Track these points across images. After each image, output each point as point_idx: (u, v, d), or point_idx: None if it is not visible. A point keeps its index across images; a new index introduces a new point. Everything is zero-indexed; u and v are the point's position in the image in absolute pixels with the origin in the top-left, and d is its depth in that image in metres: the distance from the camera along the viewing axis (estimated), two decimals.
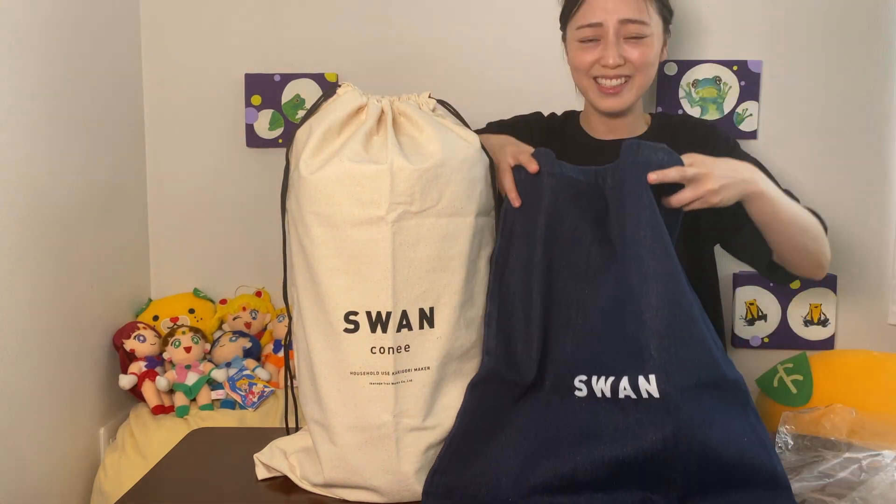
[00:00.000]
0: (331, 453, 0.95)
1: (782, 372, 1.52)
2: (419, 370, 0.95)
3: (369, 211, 0.92)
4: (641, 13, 1.26)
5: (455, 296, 0.96)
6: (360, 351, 0.93)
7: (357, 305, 0.93)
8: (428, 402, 0.95)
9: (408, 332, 0.94)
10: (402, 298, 0.93)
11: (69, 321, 1.50)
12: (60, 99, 1.47)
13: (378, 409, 0.93)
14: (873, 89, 1.64)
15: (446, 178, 0.94)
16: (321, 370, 0.95)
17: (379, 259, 0.92)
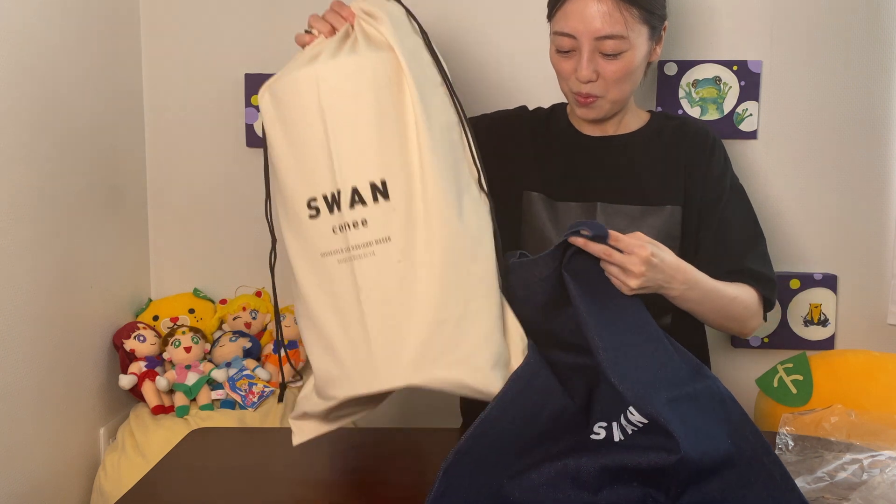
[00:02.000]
0: (322, 350, 0.99)
1: (782, 372, 1.52)
2: (379, 242, 0.96)
3: (303, 102, 0.98)
4: (618, 27, 1.20)
5: (409, 166, 0.97)
6: (325, 232, 0.97)
7: (314, 192, 0.98)
8: (399, 274, 0.96)
9: (362, 207, 0.96)
10: (349, 174, 0.97)
11: (69, 321, 1.50)
12: (60, 99, 1.47)
13: (347, 285, 0.96)
14: (873, 89, 1.64)
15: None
16: (297, 262, 1.01)
17: (316, 140, 0.98)
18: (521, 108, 1.46)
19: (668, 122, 1.38)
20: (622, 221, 1.30)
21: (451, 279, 0.96)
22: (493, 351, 0.97)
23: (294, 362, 1.70)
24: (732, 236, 1.31)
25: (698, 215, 1.32)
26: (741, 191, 1.37)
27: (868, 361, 1.48)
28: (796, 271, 1.69)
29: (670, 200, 1.31)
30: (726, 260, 1.29)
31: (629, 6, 1.20)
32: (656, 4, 1.25)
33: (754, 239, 1.33)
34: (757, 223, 1.36)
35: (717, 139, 1.37)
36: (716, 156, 1.35)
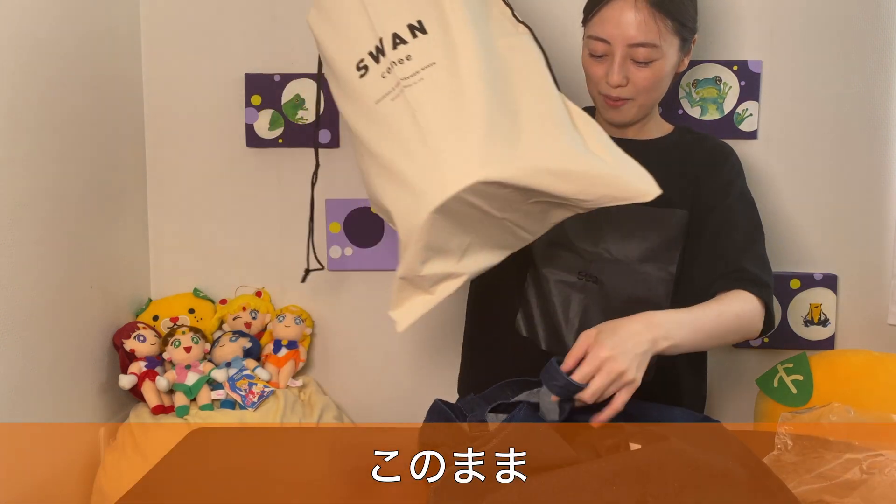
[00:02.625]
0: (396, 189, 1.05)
1: (782, 372, 1.52)
2: (425, 69, 1.05)
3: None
4: (652, 35, 1.23)
5: (442, 4, 1.07)
6: (375, 81, 1.07)
7: (361, 53, 1.09)
8: (451, 87, 1.03)
9: (404, 45, 1.07)
10: (387, 23, 1.08)
11: (69, 321, 1.50)
12: (60, 99, 1.47)
13: (404, 115, 1.03)
14: (873, 89, 1.64)
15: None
16: (358, 123, 1.09)
17: (354, 9, 1.10)
18: None
19: (688, 136, 1.41)
20: (629, 220, 1.31)
21: (497, 87, 1.04)
22: (563, 136, 1.04)
23: (294, 362, 1.70)
24: (732, 238, 1.32)
25: (706, 221, 1.33)
26: (749, 201, 1.37)
27: (868, 361, 1.48)
28: (796, 271, 1.69)
29: (678, 204, 1.32)
30: (722, 261, 1.29)
31: (664, 17, 1.23)
32: (689, 17, 1.28)
33: (753, 242, 1.33)
34: (761, 232, 1.35)
35: (734, 154, 1.39)
36: (727, 165, 1.37)
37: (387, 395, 1.79)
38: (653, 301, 1.30)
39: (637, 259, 1.31)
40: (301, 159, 1.74)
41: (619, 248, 1.31)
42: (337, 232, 1.74)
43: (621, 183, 1.04)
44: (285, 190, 1.75)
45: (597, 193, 1.04)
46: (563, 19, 1.52)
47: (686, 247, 1.32)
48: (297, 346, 1.71)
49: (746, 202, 1.37)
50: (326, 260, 1.76)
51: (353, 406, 1.80)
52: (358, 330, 1.78)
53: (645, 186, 1.05)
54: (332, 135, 1.71)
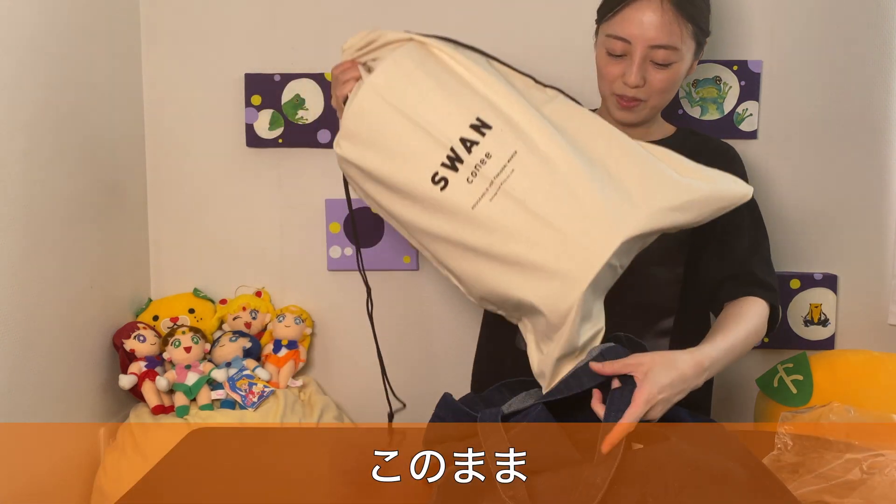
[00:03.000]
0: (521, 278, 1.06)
1: (782, 372, 1.52)
2: (511, 160, 1.05)
3: (378, 117, 1.12)
4: (674, 38, 1.23)
5: (490, 94, 1.09)
6: (462, 188, 1.06)
7: (433, 167, 1.08)
8: (541, 163, 1.05)
9: (477, 146, 1.07)
10: (449, 131, 1.08)
11: (69, 321, 1.50)
12: (60, 98, 1.47)
13: (511, 208, 1.04)
14: (873, 89, 1.64)
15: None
16: (456, 235, 1.08)
17: (406, 129, 1.09)
18: None
19: (692, 137, 1.41)
20: None
21: (576, 149, 1.07)
22: (660, 172, 1.06)
23: (294, 362, 1.70)
24: (739, 242, 1.32)
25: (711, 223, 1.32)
26: (754, 204, 1.37)
27: (868, 361, 1.48)
28: (796, 271, 1.69)
29: None
30: (728, 263, 1.30)
31: (685, 21, 1.23)
32: (706, 23, 1.29)
33: (759, 247, 1.34)
34: (765, 234, 1.36)
35: (738, 156, 1.39)
36: (732, 168, 1.35)
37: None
38: (661, 305, 1.30)
39: (644, 263, 1.30)
40: (301, 159, 1.74)
41: None
42: (337, 232, 1.74)
43: (725, 194, 1.08)
44: (285, 190, 1.75)
45: (710, 211, 1.08)
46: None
47: (692, 249, 1.32)
48: (297, 346, 1.72)
49: (751, 206, 1.37)
50: (326, 261, 1.76)
51: (353, 406, 1.80)
52: (358, 330, 1.78)
53: (742, 189, 1.10)
54: (331, 135, 1.71)
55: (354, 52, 1.19)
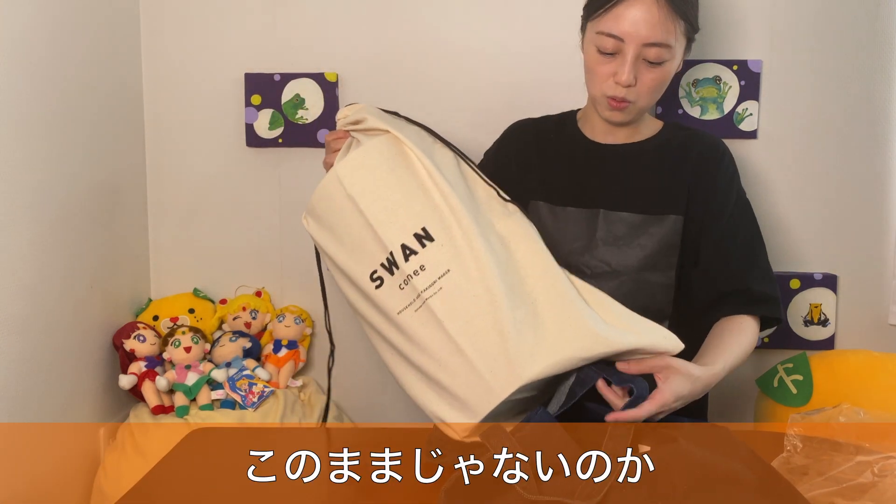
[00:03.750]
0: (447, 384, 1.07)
1: (782, 372, 1.52)
2: (442, 277, 1.08)
3: (334, 203, 1.17)
4: (669, 35, 1.21)
5: (440, 209, 1.11)
6: (393, 292, 1.10)
7: (373, 265, 1.12)
8: (471, 293, 1.07)
9: (415, 256, 1.09)
10: (393, 235, 1.10)
11: (69, 321, 1.50)
12: (60, 99, 1.47)
13: (431, 325, 1.06)
14: (873, 89, 1.64)
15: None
16: (384, 331, 1.12)
17: (357, 223, 1.13)
18: (525, 120, 1.47)
19: (678, 133, 1.38)
20: (623, 229, 1.30)
21: (509, 281, 1.07)
22: (583, 316, 1.06)
23: (294, 362, 1.70)
24: (734, 252, 1.31)
25: (700, 226, 1.32)
26: (746, 205, 1.36)
27: (868, 361, 1.48)
28: (796, 271, 1.69)
29: (672, 210, 1.31)
30: (725, 277, 1.30)
31: (678, 18, 1.21)
32: (696, 19, 1.27)
33: (756, 255, 1.33)
34: (760, 238, 1.35)
35: (728, 152, 1.37)
36: (723, 168, 1.35)
37: (387, 395, 1.79)
38: (655, 309, 1.29)
39: (636, 268, 1.30)
40: (301, 159, 1.74)
41: (618, 258, 1.30)
42: None
43: (649, 349, 1.08)
44: (285, 190, 1.75)
45: (624, 354, 1.08)
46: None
47: (684, 252, 1.31)
48: (297, 346, 1.71)
49: (744, 207, 1.36)
50: None
51: (353, 406, 1.80)
52: (358, 330, 1.77)
53: (669, 344, 1.08)
54: None
55: (346, 125, 1.23)
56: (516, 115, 1.52)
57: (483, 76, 1.69)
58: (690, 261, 1.33)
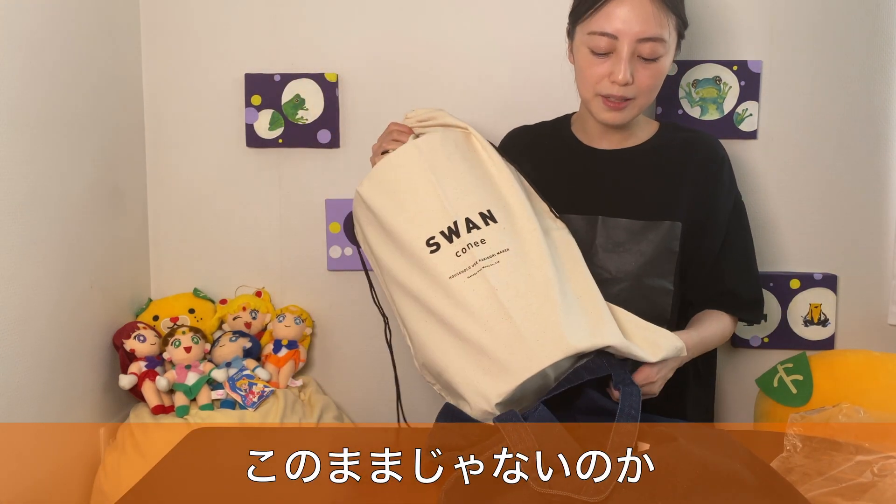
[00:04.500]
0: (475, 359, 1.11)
1: (782, 372, 1.52)
2: (501, 253, 1.14)
3: (409, 172, 1.23)
4: (662, 29, 1.21)
5: (505, 197, 1.20)
6: (449, 258, 1.15)
7: (432, 231, 1.17)
8: (525, 270, 1.13)
9: (477, 230, 1.16)
10: (460, 208, 1.17)
11: (69, 321, 1.50)
12: (60, 99, 1.47)
13: (482, 291, 1.11)
14: (873, 89, 1.64)
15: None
16: (428, 294, 1.15)
17: (427, 190, 1.20)
18: (520, 127, 1.47)
19: (676, 135, 1.38)
20: (622, 235, 1.30)
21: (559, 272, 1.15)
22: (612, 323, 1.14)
23: (294, 362, 1.70)
24: (729, 258, 1.36)
25: (701, 232, 1.32)
26: (742, 209, 1.39)
27: (868, 361, 1.48)
28: (796, 271, 1.69)
29: (670, 216, 1.31)
30: (718, 285, 1.36)
31: (669, 12, 1.22)
32: (684, 14, 1.28)
33: (748, 260, 1.39)
34: (752, 242, 1.40)
35: (727, 156, 1.37)
36: (724, 174, 1.36)
37: (387, 395, 1.79)
38: (656, 314, 1.30)
39: (636, 274, 1.30)
40: (301, 159, 1.74)
41: (617, 264, 1.30)
42: (337, 232, 1.74)
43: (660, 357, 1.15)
44: (285, 190, 1.75)
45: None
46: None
47: (683, 259, 1.32)
48: (297, 346, 1.72)
49: (740, 212, 1.39)
50: (326, 261, 1.76)
51: (353, 406, 1.80)
52: (358, 330, 1.78)
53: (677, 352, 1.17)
54: (331, 135, 1.71)
55: (415, 122, 1.32)
56: (516, 115, 1.52)
57: (483, 76, 1.69)
58: (689, 266, 1.33)
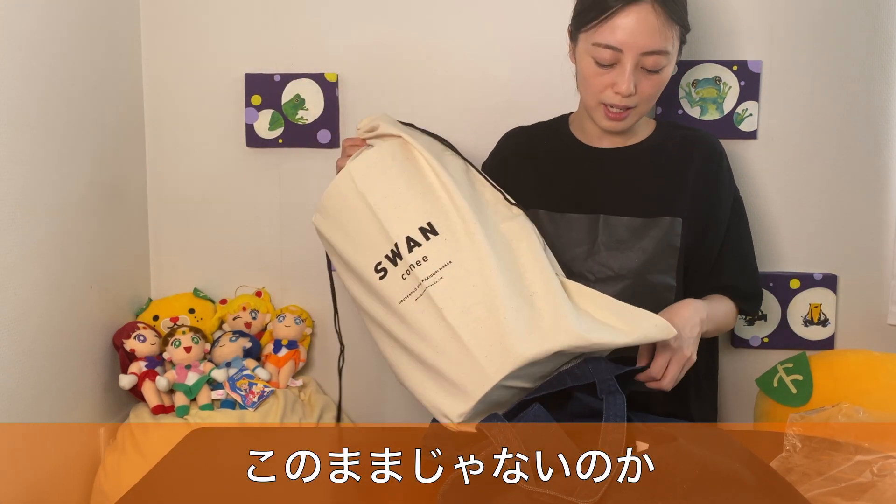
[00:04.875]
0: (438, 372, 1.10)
1: (782, 372, 1.52)
2: (443, 268, 1.12)
3: (346, 201, 1.22)
4: (666, 42, 1.21)
5: (445, 206, 1.16)
6: (396, 282, 1.14)
7: (377, 257, 1.16)
8: (470, 282, 1.10)
9: (418, 248, 1.13)
10: (399, 229, 1.15)
11: (69, 321, 1.50)
12: (60, 99, 1.47)
13: (430, 313, 1.10)
14: (873, 89, 1.64)
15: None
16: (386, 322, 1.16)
17: (364, 217, 1.18)
18: (518, 128, 1.47)
19: (674, 132, 1.39)
20: (624, 233, 1.31)
21: (508, 275, 1.11)
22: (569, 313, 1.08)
23: (294, 362, 1.70)
24: (729, 253, 1.38)
25: (703, 228, 1.33)
26: (741, 207, 1.41)
27: (868, 361, 1.48)
28: (796, 271, 1.69)
29: (671, 212, 1.32)
30: (718, 276, 1.38)
31: (673, 24, 1.22)
32: (687, 20, 1.28)
33: (747, 254, 1.41)
34: (750, 236, 1.42)
35: (725, 153, 1.39)
36: (723, 171, 1.38)
37: (387, 395, 1.79)
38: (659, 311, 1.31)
39: (638, 271, 1.30)
40: (301, 159, 1.74)
41: (619, 262, 1.31)
42: None
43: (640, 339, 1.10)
44: (285, 190, 1.75)
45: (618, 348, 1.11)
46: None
47: (685, 255, 1.33)
48: (297, 346, 1.72)
49: (739, 207, 1.41)
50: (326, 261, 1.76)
51: (353, 406, 1.80)
52: (358, 330, 1.78)
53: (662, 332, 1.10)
54: (331, 135, 1.71)
55: (364, 133, 1.30)
56: (516, 115, 1.52)
57: (483, 76, 1.69)
58: (691, 262, 1.33)
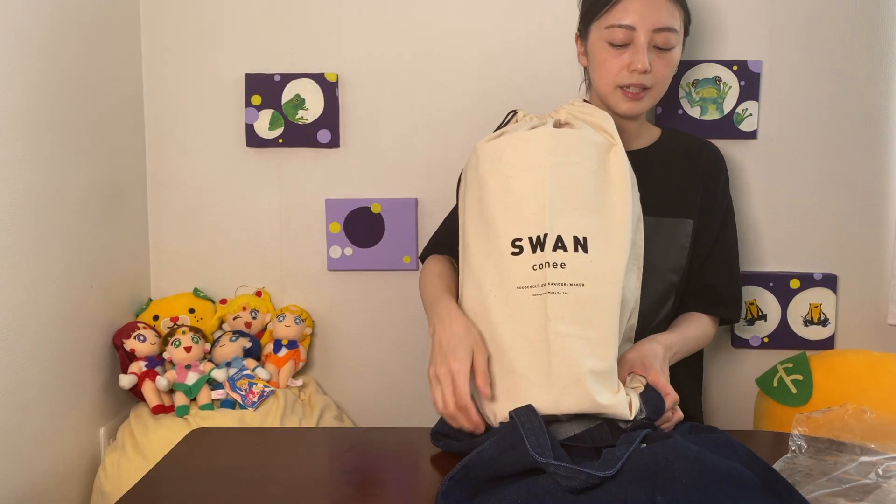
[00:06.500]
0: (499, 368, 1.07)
1: (782, 372, 1.52)
2: (574, 285, 1.06)
3: (531, 159, 1.11)
4: (674, 20, 1.29)
5: (609, 235, 1.10)
6: (524, 267, 1.07)
7: (522, 233, 1.09)
8: (586, 315, 1.06)
9: (563, 252, 1.07)
10: (558, 223, 1.08)
11: (69, 321, 1.50)
12: (60, 99, 1.47)
13: (538, 315, 1.05)
14: (873, 89, 1.64)
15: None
16: (490, 291, 1.10)
17: (535, 190, 1.09)
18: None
19: (679, 139, 1.45)
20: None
21: (616, 332, 1.07)
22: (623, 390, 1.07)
23: (294, 362, 1.70)
24: (712, 262, 1.40)
25: (703, 232, 1.40)
26: (732, 216, 1.46)
27: (868, 361, 1.48)
28: (796, 271, 1.70)
29: (683, 213, 1.37)
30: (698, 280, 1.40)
31: (677, 5, 1.31)
32: (688, 10, 1.35)
33: (730, 264, 1.43)
34: (736, 246, 1.46)
35: (725, 163, 1.46)
36: (723, 178, 1.43)
37: (387, 395, 1.79)
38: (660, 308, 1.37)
39: (661, 269, 1.36)
40: (301, 159, 1.74)
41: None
42: (337, 232, 1.74)
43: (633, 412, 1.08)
44: (285, 190, 1.75)
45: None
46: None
47: (691, 255, 1.39)
48: (297, 345, 1.72)
49: (730, 219, 1.45)
50: (326, 261, 1.76)
51: (353, 406, 1.80)
52: (358, 330, 1.78)
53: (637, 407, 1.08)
54: (331, 135, 1.71)
55: (565, 115, 1.21)
56: None
57: (483, 76, 1.69)
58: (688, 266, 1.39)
